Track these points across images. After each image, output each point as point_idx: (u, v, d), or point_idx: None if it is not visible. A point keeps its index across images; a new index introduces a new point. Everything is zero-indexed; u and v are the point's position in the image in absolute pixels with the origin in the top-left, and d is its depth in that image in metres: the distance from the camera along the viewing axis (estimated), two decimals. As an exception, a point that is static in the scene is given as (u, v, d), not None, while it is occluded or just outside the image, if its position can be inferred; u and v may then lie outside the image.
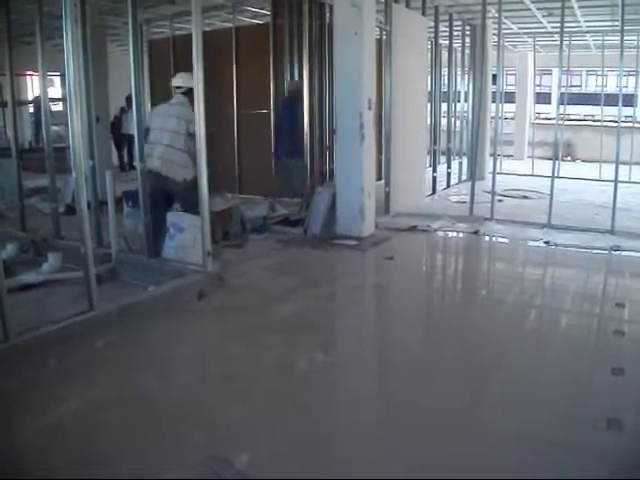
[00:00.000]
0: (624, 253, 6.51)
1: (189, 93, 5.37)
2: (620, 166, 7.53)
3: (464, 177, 11.31)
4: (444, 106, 10.91)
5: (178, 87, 5.81)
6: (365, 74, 6.62)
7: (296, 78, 8.71)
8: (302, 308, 4.74)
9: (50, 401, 3.22)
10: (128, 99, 11.38)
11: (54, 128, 8.33)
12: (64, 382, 3.45)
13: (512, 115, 16.26)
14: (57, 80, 14.74)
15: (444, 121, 11.05)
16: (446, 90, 10.93)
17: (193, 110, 5.13)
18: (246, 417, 3.11)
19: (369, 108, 6.74)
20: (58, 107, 12.09)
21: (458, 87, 11.77)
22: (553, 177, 7.86)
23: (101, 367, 3.69)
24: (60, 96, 13.31)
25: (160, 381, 3.52)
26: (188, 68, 4.90)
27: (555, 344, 4.21)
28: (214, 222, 5.56)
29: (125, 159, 13.31)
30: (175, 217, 5.58)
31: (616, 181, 7.45)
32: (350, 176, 6.75)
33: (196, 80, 4.87)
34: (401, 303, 5.12)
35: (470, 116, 11.28)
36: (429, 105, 9.91)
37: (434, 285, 6.05)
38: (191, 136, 5.36)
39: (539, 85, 19.52)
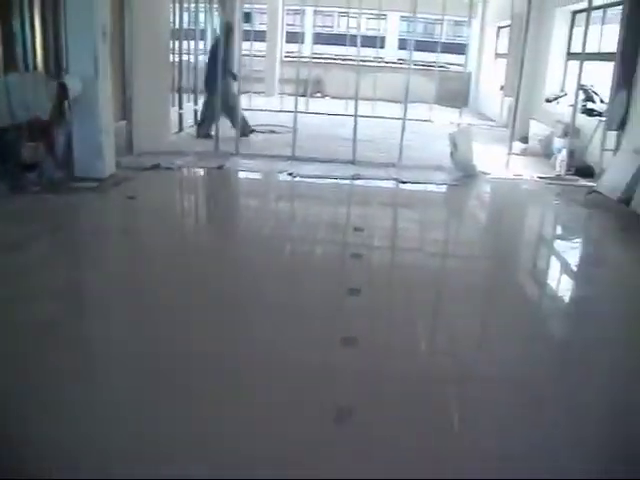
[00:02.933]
0: (363, 181, 7.02)
1: None
2: (366, 102, 8.17)
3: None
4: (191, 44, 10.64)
5: None
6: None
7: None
8: (39, 258, 4.39)
9: None
10: None
11: None
12: None
13: (263, 53, 16.42)
14: None
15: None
16: (193, 27, 10.64)
17: None
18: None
19: (103, 42, 6.32)
20: None
21: (206, 24, 11.54)
22: (296, 111, 8.27)
23: None
24: None
25: None
26: None
27: (298, 270, 4.47)
28: None
29: None
30: None
31: (356, 115, 8.22)
32: (86, 114, 6.33)
33: None
34: (143, 244, 5.05)
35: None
36: (174, 42, 9.60)
37: (178, 223, 5.90)
38: None
39: (292, 24, 19.89)
